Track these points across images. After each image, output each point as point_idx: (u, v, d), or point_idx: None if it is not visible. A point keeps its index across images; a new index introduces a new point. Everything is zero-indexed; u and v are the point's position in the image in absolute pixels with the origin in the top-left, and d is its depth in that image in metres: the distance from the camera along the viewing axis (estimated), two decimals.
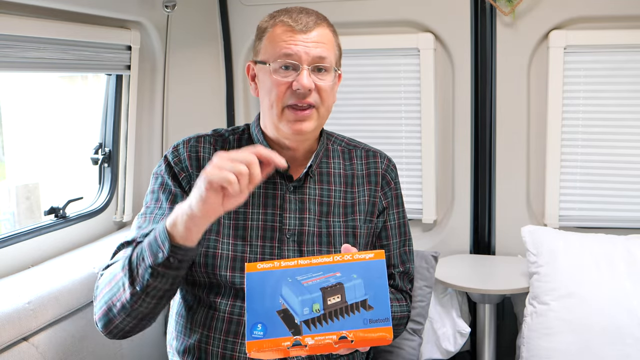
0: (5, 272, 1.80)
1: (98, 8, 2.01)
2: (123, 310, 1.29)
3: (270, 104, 1.41)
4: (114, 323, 1.32)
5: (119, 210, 2.36)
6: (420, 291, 2.06)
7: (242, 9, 2.55)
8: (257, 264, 1.16)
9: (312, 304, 1.12)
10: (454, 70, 2.44)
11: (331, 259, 1.16)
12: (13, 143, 5.40)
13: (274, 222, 1.47)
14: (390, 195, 1.59)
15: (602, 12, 2.28)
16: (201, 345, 1.48)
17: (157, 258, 1.21)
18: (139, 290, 1.25)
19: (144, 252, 1.24)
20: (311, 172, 1.51)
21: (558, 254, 2.07)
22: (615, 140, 2.37)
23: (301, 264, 1.16)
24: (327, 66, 1.41)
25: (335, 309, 1.13)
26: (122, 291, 1.27)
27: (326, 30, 1.43)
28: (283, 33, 1.39)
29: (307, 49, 1.38)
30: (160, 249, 1.20)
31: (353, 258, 1.16)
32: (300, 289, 1.13)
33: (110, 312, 1.31)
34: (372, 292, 1.13)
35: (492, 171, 2.47)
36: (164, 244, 1.20)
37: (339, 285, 1.14)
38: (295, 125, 1.40)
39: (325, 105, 1.43)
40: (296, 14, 1.41)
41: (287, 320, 1.12)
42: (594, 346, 1.89)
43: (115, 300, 1.29)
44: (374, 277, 1.14)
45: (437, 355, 2.29)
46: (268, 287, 1.14)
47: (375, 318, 1.12)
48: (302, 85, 1.36)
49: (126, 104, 2.31)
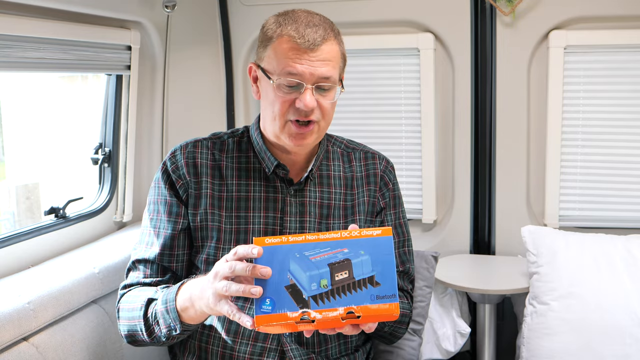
0: (5, 272, 1.79)
1: (98, 8, 2.01)
2: (145, 343, 1.43)
3: (273, 117, 1.41)
4: (137, 344, 1.46)
5: (119, 210, 2.36)
6: (420, 291, 2.06)
7: (242, 9, 2.55)
8: (265, 238, 1.17)
9: (320, 279, 1.14)
10: (454, 70, 2.44)
11: (339, 235, 1.17)
12: (13, 143, 5.41)
13: (275, 226, 1.48)
14: (388, 196, 1.59)
15: (602, 12, 2.28)
16: (201, 344, 1.49)
17: (170, 331, 1.35)
18: (156, 342, 1.40)
19: (158, 317, 1.36)
20: (312, 175, 1.52)
21: (558, 254, 2.07)
22: (615, 140, 2.37)
23: (309, 240, 1.16)
24: (331, 85, 1.40)
25: (343, 284, 1.14)
26: (140, 334, 1.42)
27: (332, 44, 1.40)
28: (289, 50, 1.36)
29: (312, 69, 1.36)
30: (173, 324, 1.33)
31: (361, 234, 1.17)
32: (308, 264, 1.14)
33: (133, 338, 1.45)
34: (379, 268, 1.15)
35: (492, 171, 2.47)
36: (175, 322, 1.32)
37: (346, 261, 1.15)
38: (297, 139, 1.41)
39: (326, 119, 1.43)
40: (303, 27, 1.36)
41: (295, 295, 1.13)
42: (594, 346, 1.89)
43: (136, 335, 1.43)
44: (382, 254, 1.15)
45: (437, 355, 2.29)
46: (276, 262, 1.14)
47: (383, 294, 1.13)
48: (306, 105, 1.36)
49: (126, 104, 2.31)
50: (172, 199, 1.48)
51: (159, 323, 1.35)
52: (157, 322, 1.36)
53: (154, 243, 1.49)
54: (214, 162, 1.50)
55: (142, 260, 1.50)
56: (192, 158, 1.50)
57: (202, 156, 1.50)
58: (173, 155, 1.51)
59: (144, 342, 1.42)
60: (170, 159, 1.51)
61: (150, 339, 1.39)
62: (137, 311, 1.40)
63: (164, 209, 1.49)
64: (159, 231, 1.49)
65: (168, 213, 1.48)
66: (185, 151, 1.50)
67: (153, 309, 1.37)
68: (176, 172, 1.49)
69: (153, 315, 1.37)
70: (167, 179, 1.49)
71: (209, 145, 1.52)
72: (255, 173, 1.50)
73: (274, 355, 1.46)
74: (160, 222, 1.49)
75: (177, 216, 1.48)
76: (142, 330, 1.39)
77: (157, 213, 1.50)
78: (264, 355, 1.45)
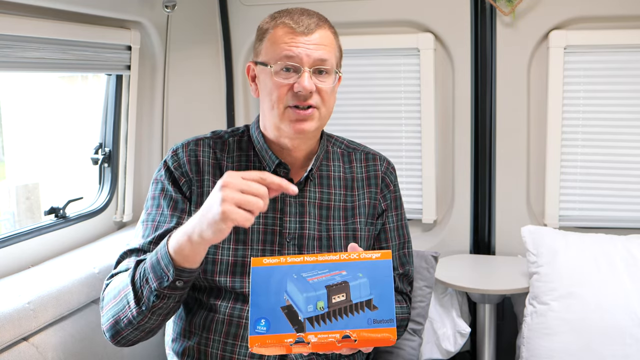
0: (5, 272, 1.80)
1: (98, 8, 2.01)
2: (130, 325, 1.31)
3: (271, 105, 1.41)
4: (121, 335, 1.34)
5: (119, 210, 2.36)
6: (420, 291, 2.06)
7: (242, 9, 2.55)
8: (263, 259, 1.16)
9: (317, 301, 1.12)
10: (454, 70, 2.44)
11: (337, 257, 1.16)
12: (13, 143, 5.40)
13: (275, 226, 1.47)
14: (389, 198, 1.59)
15: (602, 12, 2.28)
16: (200, 347, 1.48)
17: (162, 282, 1.23)
18: (145, 310, 1.27)
19: (147, 274, 1.25)
20: (311, 175, 1.51)
21: (558, 254, 2.07)
22: (615, 140, 2.37)
23: (307, 261, 1.16)
24: (328, 68, 1.41)
25: (340, 307, 1.12)
26: (127, 308, 1.30)
27: (327, 32, 1.43)
28: (284, 35, 1.39)
29: (308, 51, 1.38)
30: (164, 273, 1.22)
31: (359, 257, 1.16)
32: (306, 285, 1.13)
33: (117, 325, 1.33)
34: (377, 292, 1.13)
35: (492, 171, 2.47)
36: (167, 268, 1.22)
37: (344, 284, 1.14)
38: (297, 125, 1.40)
39: (326, 106, 1.43)
40: (297, 15, 1.41)
41: (290, 316, 1.12)
42: (593, 346, 1.89)
43: (121, 316, 1.32)
44: (380, 277, 1.14)
45: (437, 355, 2.29)
46: (273, 283, 1.14)
47: (380, 318, 1.12)
48: (304, 88, 1.36)
49: (126, 104, 2.31)
50: (177, 195, 1.46)
51: (148, 280, 1.25)
52: (146, 281, 1.25)
53: (151, 235, 1.43)
54: (215, 161, 1.50)
55: (136, 250, 1.42)
56: (194, 156, 1.49)
57: (204, 154, 1.50)
58: (175, 153, 1.50)
59: (130, 323, 1.30)
60: (172, 157, 1.49)
61: (137, 310, 1.27)
62: (124, 281, 1.31)
63: (167, 203, 1.46)
64: (158, 224, 1.44)
65: (172, 208, 1.45)
66: (188, 149, 1.50)
67: (141, 268, 1.28)
68: (179, 169, 1.47)
69: (141, 274, 1.26)
70: (170, 176, 1.47)
71: (210, 144, 1.52)
72: None
73: (274, 356, 1.46)
74: (161, 217, 1.45)
75: (181, 212, 1.45)
76: (129, 302, 1.28)
77: (158, 207, 1.47)
78: (263, 357, 1.45)
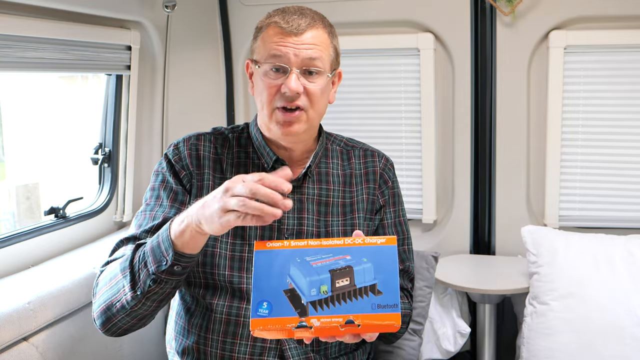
0: (5, 272, 1.80)
1: (98, 8, 2.01)
2: (123, 311, 1.30)
3: (261, 105, 1.42)
4: (112, 321, 1.32)
5: (119, 210, 2.36)
6: (420, 291, 2.06)
7: (242, 9, 2.55)
8: (267, 242, 1.16)
9: (320, 285, 1.11)
10: (454, 70, 2.44)
11: (342, 242, 1.15)
12: (13, 143, 5.41)
13: (273, 222, 1.47)
14: (387, 194, 1.59)
15: (602, 12, 2.28)
16: (199, 346, 1.48)
17: (160, 265, 1.22)
18: (139, 294, 1.26)
19: (146, 257, 1.25)
20: (310, 172, 1.51)
21: (558, 254, 2.07)
22: (615, 140, 2.37)
23: (311, 245, 1.15)
24: (319, 69, 1.39)
25: (344, 291, 1.11)
26: (122, 293, 1.28)
27: (320, 31, 1.41)
28: (274, 34, 1.39)
29: (296, 50, 1.37)
30: (163, 257, 1.22)
31: (364, 242, 1.15)
32: (309, 269, 1.13)
33: (109, 310, 1.31)
34: (381, 277, 1.12)
35: (492, 171, 2.46)
36: (167, 252, 1.21)
37: (348, 268, 1.13)
38: (284, 127, 1.40)
39: (315, 108, 1.42)
40: (290, 14, 1.40)
41: (293, 300, 1.11)
42: (593, 346, 1.89)
43: (114, 300, 1.30)
44: (385, 262, 1.13)
45: (437, 355, 2.29)
46: (276, 266, 1.13)
47: (384, 303, 1.11)
48: (290, 89, 1.36)
49: (126, 104, 2.31)
50: (177, 187, 1.46)
51: (146, 264, 1.24)
52: (144, 264, 1.24)
53: (149, 224, 1.42)
54: (216, 156, 1.50)
55: (132, 238, 1.41)
56: (195, 150, 1.49)
57: (205, 149, 1.50)
58: (176, 147, 1.51)
59: (123, 308, 1.28)
60: (173, 150, 1.50)
61: (132, 295, 1.25)
62: (120, 266, 1.30)
63: (167, 194, 1.46)
64: (156, 214, 1.44)
65: (172, 199, 1.45)
66: (189, 143, 1.50)
67: (141, 251, 1.27)
68: (179, 162, 1.48)
69: (140, 257, 1.25)
70: (171, 168, 1.48)
71: (211, 139, 1.52)
72: (254, 168, 1.50)
73: (274, 355, 1.46)
74: (160, 207, 1.45)
75: (181, 204, 1.45)
76: (124, 286, 1.27)
77: (158, 198, 1.47)
78: (264, 355, 1.45)
